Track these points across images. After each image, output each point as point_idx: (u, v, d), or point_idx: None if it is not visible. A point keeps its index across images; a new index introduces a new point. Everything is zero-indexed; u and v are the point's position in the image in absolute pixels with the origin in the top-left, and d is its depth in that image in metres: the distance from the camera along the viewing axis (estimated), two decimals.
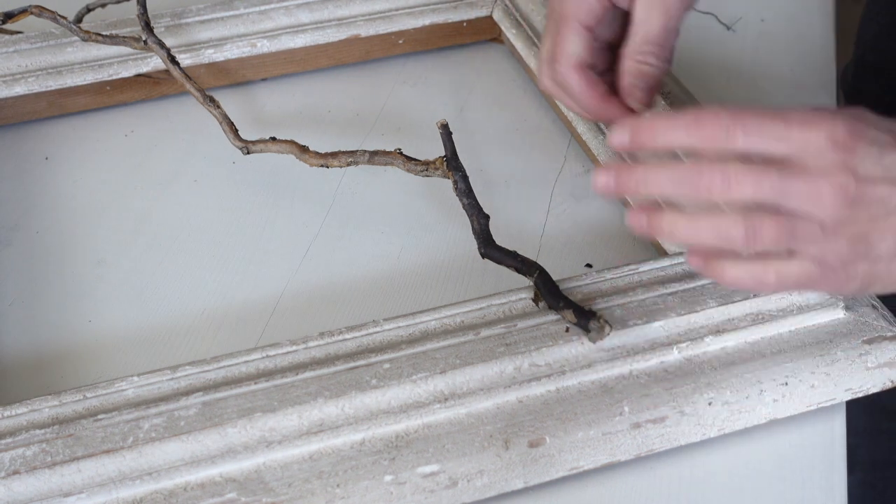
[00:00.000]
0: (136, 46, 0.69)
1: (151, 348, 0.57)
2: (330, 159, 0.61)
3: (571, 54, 0.52)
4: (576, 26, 0.51)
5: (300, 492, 0.46)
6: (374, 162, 0.59)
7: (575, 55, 0.52)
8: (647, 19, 0.51)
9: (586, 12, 0.51)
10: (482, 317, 0.53)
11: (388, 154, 0.59)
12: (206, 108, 0.65)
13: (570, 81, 0.52)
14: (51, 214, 0.66)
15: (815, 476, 0.51)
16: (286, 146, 0.62)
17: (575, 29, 0.51)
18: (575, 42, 0.51)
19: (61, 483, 0.46)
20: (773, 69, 0.78)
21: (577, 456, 0.48)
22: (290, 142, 0.62)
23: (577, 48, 0.51)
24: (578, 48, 0.51)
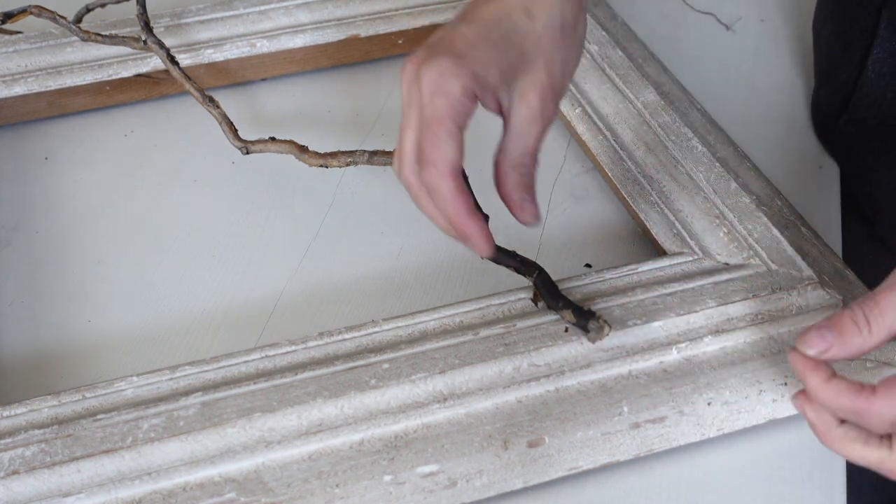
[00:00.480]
0: (136, 46, 0.69)
1: (151, 348, 0.57)
2: (329, 159, 0.61)
3: (448, 160, 0.47)
4: (451, 128, 0.47)
5: (299, 492, 0.46)
6: (374, 162, 0.59)
7: (451, 161, 0.47)
8: (527, 133, 0.49)
9: (462, 114, 0.47)
10: (481, 317, 0.53)
11: (388, 154, 0.59)
12: (206, 107, 0.65)
13: (443, 188, 0.47)
14: (51, 214, 0.66)
15: (815, 476, 0.51)
16: (285, 146, 0.62)
17: (450, 131, 0.47)
18: (451, 146, 0.47)
19: (60, 483, 0.46)
20: (773, 69, 0.78)
21: (577, 456, 0.48)
22: (290, 142, 0.62)
23: (453, 153, 0.47)
24: (454, 153, 0.47)
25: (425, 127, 0.47)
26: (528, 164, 0.49)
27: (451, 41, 0.48)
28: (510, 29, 0.48)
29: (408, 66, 0.48)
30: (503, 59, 0.48)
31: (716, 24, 0.82)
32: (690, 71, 0.74)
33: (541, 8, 0.49)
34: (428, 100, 0.47)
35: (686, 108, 0.67)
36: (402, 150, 0.49)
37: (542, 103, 0.49)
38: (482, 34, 0.48)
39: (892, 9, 0.64)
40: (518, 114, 0.49)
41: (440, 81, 0.46)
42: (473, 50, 0.47)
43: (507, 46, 0.48)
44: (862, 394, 0.40)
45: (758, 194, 0.60)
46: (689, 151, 0.63)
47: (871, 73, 0.66)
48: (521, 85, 0.49)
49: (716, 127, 0.65)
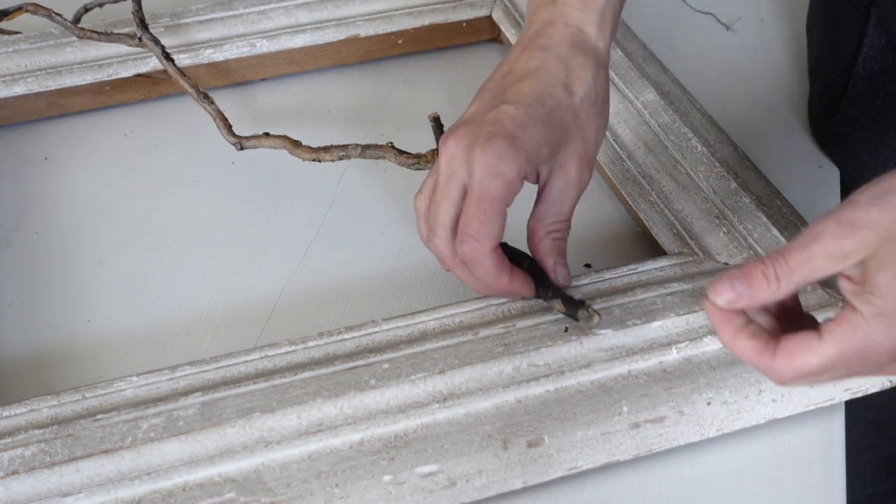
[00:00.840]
0: (132, 44, 0.68)
1: (150, 348, 0.57)
2: (322, 153, 0.61)
3: (493, 236, 0.49)
4: (501, 208, 0.48)
5: (299, 492, 0.46)
6: (366, 156, 0.59)
7: (495, 237, 0.49)
8: (562, 200, 0.51)
9: (512, 195, 0.49)
10: (481, 317, 0.53)
11: (380, 147, 0.59)
12: (201, 104, 0.64)
13: (486, 263, 0.49)
14: (50, 214, 0.66)
15: (815, 476, 0.51)
16: (279, 141, 0.62)
17: (500, 211, 0.48)
18: (498, 225, 0.49)
19: (60, 483, 0.46)
20: (773, 69, 0.78)
21: (576, 456, 0.48)
22: (283, 137, 0.62)
23: (499, 231, 0.49)
24: (499, 231, 0.49)
25: (475, 203, 0.48)
26: (563, 229, 0.52)
27: (499, 121, 0.49)
28: (553, 106, 0.50)
29: (451, 143, 0.49)
30: (551, 136, 0.49)
31: (716, 24, 0.82)
32: (690, 71, 0.74)
33: (578, 83, 0.51)
34: (481, 179, 0.48)
35: (686, 108, 0.67)
36: (437, 221, 0.50)
37: (580, 172, 0.51)
38: (529, 113, 0.49)
39: (880, 7, 0.64)
40: (556, 184, 0.50)
41: (497, 164, 0.48)
42: (524, 130, 0.48)
43: (552, 123, 0.50)
44: (764, 355, 0.42)
45: (757, 194, 0.60)
46: (689, 151, 0.63)
47: (861, 71, 0.66)
48: (561, 157, 0.50)
49: (716, 127, 0.65)
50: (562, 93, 0.51)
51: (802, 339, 0.41)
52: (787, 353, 0.41)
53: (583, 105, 0.51)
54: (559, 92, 0.51)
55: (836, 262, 0.40)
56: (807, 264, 0.41)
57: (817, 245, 0.40)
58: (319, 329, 0.53)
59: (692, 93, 0.69)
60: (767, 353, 0.42)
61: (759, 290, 0.42)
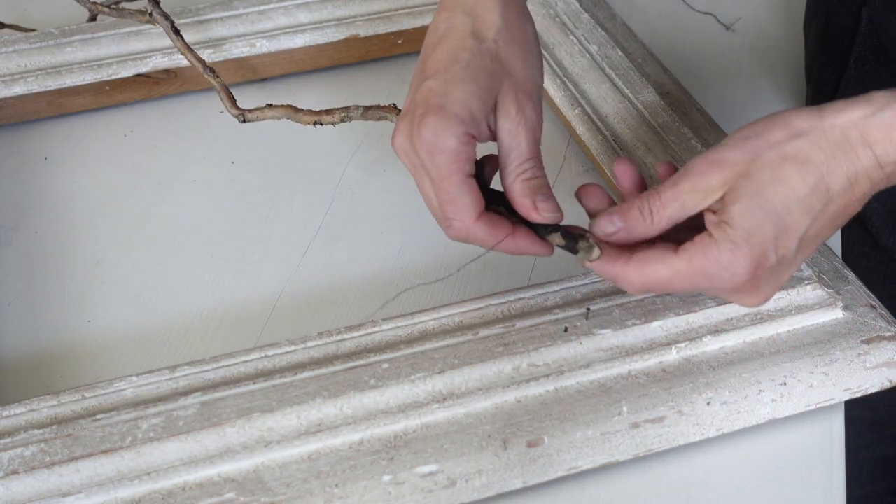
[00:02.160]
0: (142, 19, 0.68)
1: (150, 348, 0.57)
2: (324, 115, 0.60)
3: (467, 208, 0.48)
4: (460, 178, 0.48)
5: (299, 492, 0.46)
6: (368, 116, 0.58)
7: (470, 207, 0.48)
8: (516, 144, 0.49)
9: (465, 161, 0.48)
10: (481, 317, 0.53)
11: (382, 108, 0.58)
12: (207, 77, 0.64)
13: (477, 234, 0.49)
14: (50, 214, 0.66)
15: (814, 476, 0.51)
16: (281, 111, 0.61)
17: (461, 182, 0.48)
18: (466, 196, 0.48)
19: (60, 483, 0.46)
20: (773, 69, 0.78)
21: (576, 456, 0.48)
22: (286, 106, 0.61)
23: (470, 200, 0.48)
24: (471, 199, 0.48)
25: (437, 188, 0.48)
26: (530, 168, 0.50)
27: (424, 100, 0.48)
28: (468, 59, 0.49)
29: (396, 140, 0.49)
30: (478, 89, 0.48)
31: (716, 24, 0.82)
32: (690, 71, 0.74)
33: (486, 27, 0.50)
34: (428, 162, 0.48)
35: (686, 108, 0.67)
36: (433, 214, 0.51)
37: (520, 109, 0.49)
38: (447, 78, 0.48)
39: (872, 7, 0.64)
40: (504, 128, 0.49)
41: (434, 141, 0.47)
42: (447, 97, 0.48)
43: (472, 76, 0.48)
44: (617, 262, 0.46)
45: None
46: (689, 151, 0.63)
47: (853, 71, 0.66)
48: (498, 102, 0.49)
49: (715, 127, 0.65)
50: (472, 43, 0.50)
51: (659, 251, 0.45)
52: (641, 261, 0.45)
53: (499, 45, 0.50)
54: (470, 43, 0.50)
55: (703, 198, 0.44)
56: (677, 199, 0.45)
57: (686, 182, 0.44)
58: (319, 329, 0.53)
59: (692, 93, 0.69)
60: (621, 259, 0.46)
61: (635, 224, 0.46)
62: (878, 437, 0.75)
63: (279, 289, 0.61)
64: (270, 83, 0.76)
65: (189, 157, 0.70)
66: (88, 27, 0.73)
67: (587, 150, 0.67)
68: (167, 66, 0.72)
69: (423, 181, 0.50)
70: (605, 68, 0.70)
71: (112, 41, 0.72)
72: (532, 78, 0.51)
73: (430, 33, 0.51)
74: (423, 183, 0.50)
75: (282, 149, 0.70)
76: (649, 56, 0.72)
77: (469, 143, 0.48)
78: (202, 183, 0.68)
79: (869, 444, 0.74)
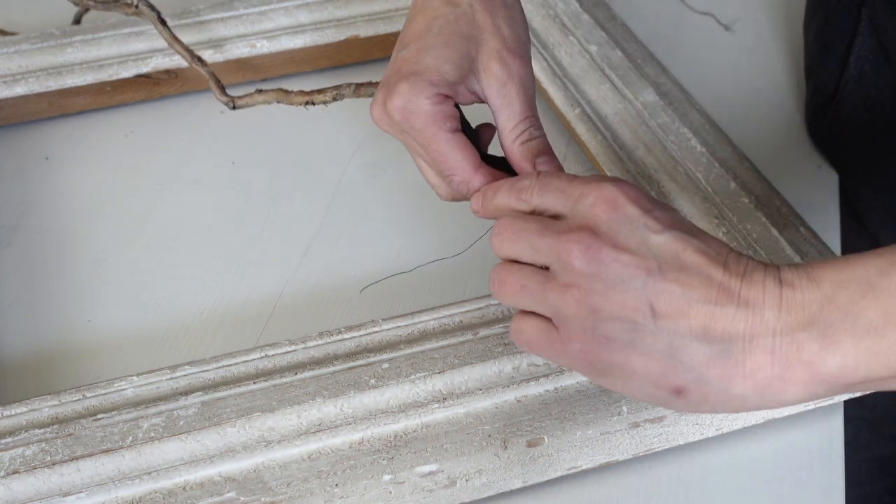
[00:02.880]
0: (129, 11, 0.68)
1: (151, 348, 0.57)
2: (315, 95, 0.59)
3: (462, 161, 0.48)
4: (444, 135, 0.47)
5: (299, 491, 0.46)
6: (360, 94, 0.58)
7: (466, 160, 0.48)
8: (508, 104, 0.48)
9: (444, 118, 0.47)
10: (481, 317, 0.53)
11: (374, 85, 0.58)
12: (195, 66, 0.64)
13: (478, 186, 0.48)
14: (51, 214, 0.66)
15: (814, 476, 0.51)
16: (272, 95, 0.61)
17: (446, 139, 0.47)
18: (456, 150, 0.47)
19: (61, 483, 0.46)
20: (772, 69, 0.78)
21: (576, 455, 0.48)
22: (277, 90, 0.60)
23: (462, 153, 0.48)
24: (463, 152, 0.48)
25: (425, 150, 0.48)
26: (527, 129, 0.49)
27: (397, 70, 0.48)
28: (441, 25, 0.49)
29: (373, 112, 0.49)
30: (451, 52, 0.48)
31: (715, 24, 0.82)
32: (690, 71, 0.74)
33: None
34: (408, 126, 0.48)
35: (685, 109, 0.67)
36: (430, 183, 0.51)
37: (505, 66, 0.48)
38: (420, 46, 0.48)
39: (871, 6, 0.64)
40: (491, 90, 0.48)
41: (406, 106, 0.47)
42: (417, 64, 0.48)
43: (447, 40, 0.48)
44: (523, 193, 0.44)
45: (757, 194, 0.60)
46: (689, 151, 0.63)
47: (853, 71, 0.66)
48: (479, 63, 0.49)
49: (715, 127, 0.66)
50: (446, 9, 0.49)
51: None
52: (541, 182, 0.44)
53: (473, 8, 0.49)
54: (444, 10, 0.49)
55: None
56: None
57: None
58: (319, 329, 0.53)
59: (691, 93, 0.69)
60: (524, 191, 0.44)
61: None
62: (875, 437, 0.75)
63: (279, 289, 0.61)
64: (270, 83, 0.76)
65: (189, 157, 0.70)
66: (89, 27, 0.73)
67: (587, 151, 0.67)
68: (168, 66, 0.72)
69: (411, 148, 0.49)
70: (604, 69, 0.70)
71: (113, 42, 0.72)
72: (516, 36, 0.50)
73: (410, 8, 0.51)
74: (413, 150, 0.49)
75: (282, 149, 0.70)
76: (649, 56, 0.72)
77: (443, 101, 0.47)
78: (202, 183, 0.68)
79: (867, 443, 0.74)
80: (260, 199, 0.67)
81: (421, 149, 0.49)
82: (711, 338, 0.38)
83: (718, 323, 0.38)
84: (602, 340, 0.40)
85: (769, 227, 0.57)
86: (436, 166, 0.49)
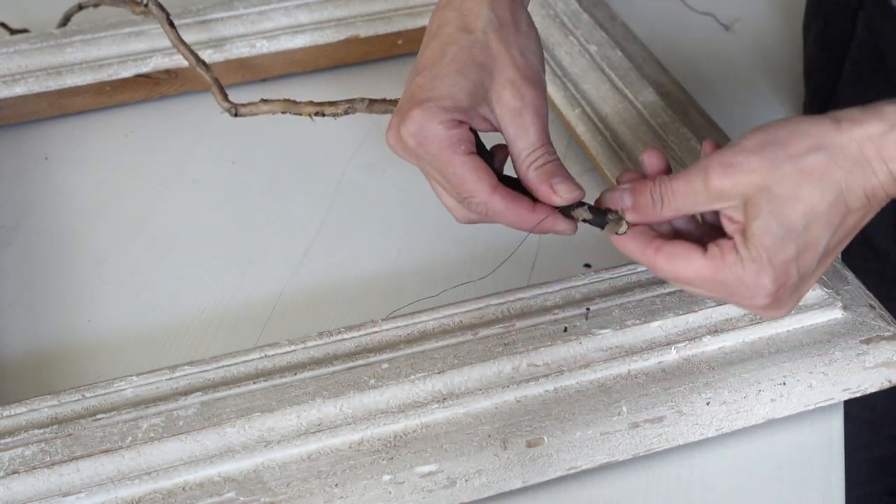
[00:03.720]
0: (137, 11, 0.68)
1: (150, 348, 0.57)
2: (327, 107, 0.59)
3: (479, 183, 0.47)
4: (460, 159, 0.47)
5: (299, 491, 0.46)
6: (373, 110, 0.57)
7: (483, 181, 0.48)
8: (523, 133, 0.49)
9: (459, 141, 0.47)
10: (480, 317, 0.53)
11: (388, 102, 0.57)
12: (199, 70, 0.64)
13: (496, 207, 0.48)
14: (51, 214, 0.66)
15: (813, 476, 0.51)
16: (278, 105, 0.59)
17: (462, 162, 0.47)
18: (473, 172, 0.47)
19: (60, 483, 0.46)
20: (772, 70, 0.78)
21: (576, 456, 0.48)
22: (283, 100, 0.60)
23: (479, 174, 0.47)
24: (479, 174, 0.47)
25: (441, 174, 0.48)
26: (541, 156, 0.49)
27: (410, 97, 0.48)
28: (455, 52, 0.49)
29: (389, 139, 0.49)
30: (464, 80, 0.48)
31: (715, 24, 0.82)
32: (690, 71, 0.74)
33: (474, 18, 0.50)
34: (424, 153, 0.48)
35: (685, 109, 0.67)
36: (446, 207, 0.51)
37: (519, 95, 0.48)
38: (434, 73, 0.48)
39: (868, 10, 0.64)
40: (505, 119, 0.49)
41: (420, 132, 0.47)
42: (431, 91, 0.48)
43: (461, 68, 0.48)
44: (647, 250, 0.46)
45: None
46: (689, 152, 0.63)
47: (848, 74, 0.66)
48: (493, 92, 0.49)
49: (714, 127, 0.66)
50: (461, 36, 0.49)
51: (686, 249, 0.45)
52: (668, 255, 0.46)
53: (488, 36, 0.49)
54: (458, 36, 0.49)
55: (713, 201, 0.45)
56: (689, 196, 0.45)
57: (698, 179, 0.45)
58: (319, 329, 0.53)
59: (691, 93, 0.69)
60: (652, 247, 0.46)
61: (643, 205, 0.46)
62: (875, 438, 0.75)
63: (279, 289, 0.61)
64: (270, 83, 0.76)
65: (189, 157, 0.70)
66: (89, 28, 0.73)
67: (587, 151, 0.67)
68: (167, 66, 0.72)
69: (427, 173, 0.50)
70: (604, 68, 0.70)
71: (112, 41, 0.72)
72: (530, 64, 0.50)
73: (425, 34, 0.51)
74: (429, 175, 0.50)
75: (282, 149, 0.70)
76: (649, 56, 0.72)
77: (457, 126, 0.47)
78: (202, 183, 0.68)
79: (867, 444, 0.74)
80: (260, 200, 0.67)
81: (437, 174, 0.49)
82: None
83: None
84: None
85: None
86: (453, 190, 0.49)
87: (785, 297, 0.45)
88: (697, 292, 0.47)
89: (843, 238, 0.45)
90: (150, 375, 0.51)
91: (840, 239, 0.45)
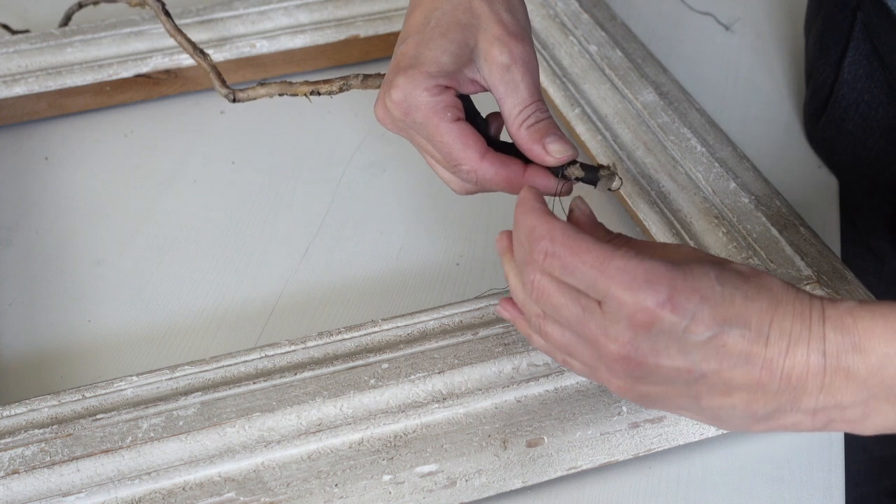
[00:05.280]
0: (133, 2, 0.68)
1: (150, 348, 0.57)
2: (321, 85, 0.58)
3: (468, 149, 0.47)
4: (446, 125, 0.47)
5: (299, 491, 0.46)
6: (368, 85, 0.57)
7: (472, 148, 0.47)
8: (513, 90, 0.48)
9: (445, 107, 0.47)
10: (480, 317, 0.53)
11: (383, 76, 0.57)
12: (196, 59, 0.64)
13: (487, 174, 0.48)
14: (51, 214, 0.66)
15: (814, 476, 0.51)
16: (274, 87, 0.59)
17: (448, 128, 0.47)
18: (459, 140, 0.47)
19: (60, 483, 0.46)
20: (772, 69, 0.78)
21: (576, 456, 0.48)
22: (280, 82, 0.59)
23: (466, 141, 0.47)
24: (467, 140, 0.47)
25: (429, 141, 0.48)
26: (533, 113, 0.48)
27: (395, 66, 0.48)
28: (438, 17, 0.48)
29: (377, 111, 0.49)
30: (449, 43, 0.48)
31: (715, 24, 0.82)
32: (690, 71, 0.74)
33: None
34: (411, 121, 0.47)
35: (685, 109, 0.67)
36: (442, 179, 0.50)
37: (507, 50, 0.48)
38: (418, 40, 0.48)
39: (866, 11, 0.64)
40: (494, 77, 0.48)
41: (405, 101, 0.47)
42: (415, 58, 0.47)
43: (444, 31, 0.48)
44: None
45: (757, 194, 0.60)
46: (688, 151, 0.63)
47: (846, 75, 0.66)
48: (480, 51, 0.48)
49: (715, 127, 0.66)
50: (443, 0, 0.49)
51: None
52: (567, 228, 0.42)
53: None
54: (441, 2, 0.49)
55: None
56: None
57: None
58: (319, 329, 0.53)
59: (691, 93, 0.69)
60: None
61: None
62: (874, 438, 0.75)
63: (279, 289, 0.61)
64: None
65: (189, 157, 0.70)
66: (89, 28, 0.73)
67: (587, 151, 0.67)
68: (167, 66, 0.72)
69: (417, 144, 0.49)
70: (604, 68, 0.70)
71: (112, 41, 0.72)
72: (516, 21, 0.49)
73: (409, 3, 0.51)
74: (420, 146, 0.49)
75: (282, 149, 0.70)
76: (649, 56, 0.72)
77: (442, 92, 0.47)
78: (202, 183, 0.68)
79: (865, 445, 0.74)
80: (260, 199, 0.67)
81: (427, 143, 0.48)
82: (754, 412, 0.40)
83: (760, 402, 0.40)
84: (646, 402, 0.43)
85: (769, 227, 0.57)
86: (443, 159, 0.48)
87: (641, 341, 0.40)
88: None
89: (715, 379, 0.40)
90: (150, 375, 0.51)
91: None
